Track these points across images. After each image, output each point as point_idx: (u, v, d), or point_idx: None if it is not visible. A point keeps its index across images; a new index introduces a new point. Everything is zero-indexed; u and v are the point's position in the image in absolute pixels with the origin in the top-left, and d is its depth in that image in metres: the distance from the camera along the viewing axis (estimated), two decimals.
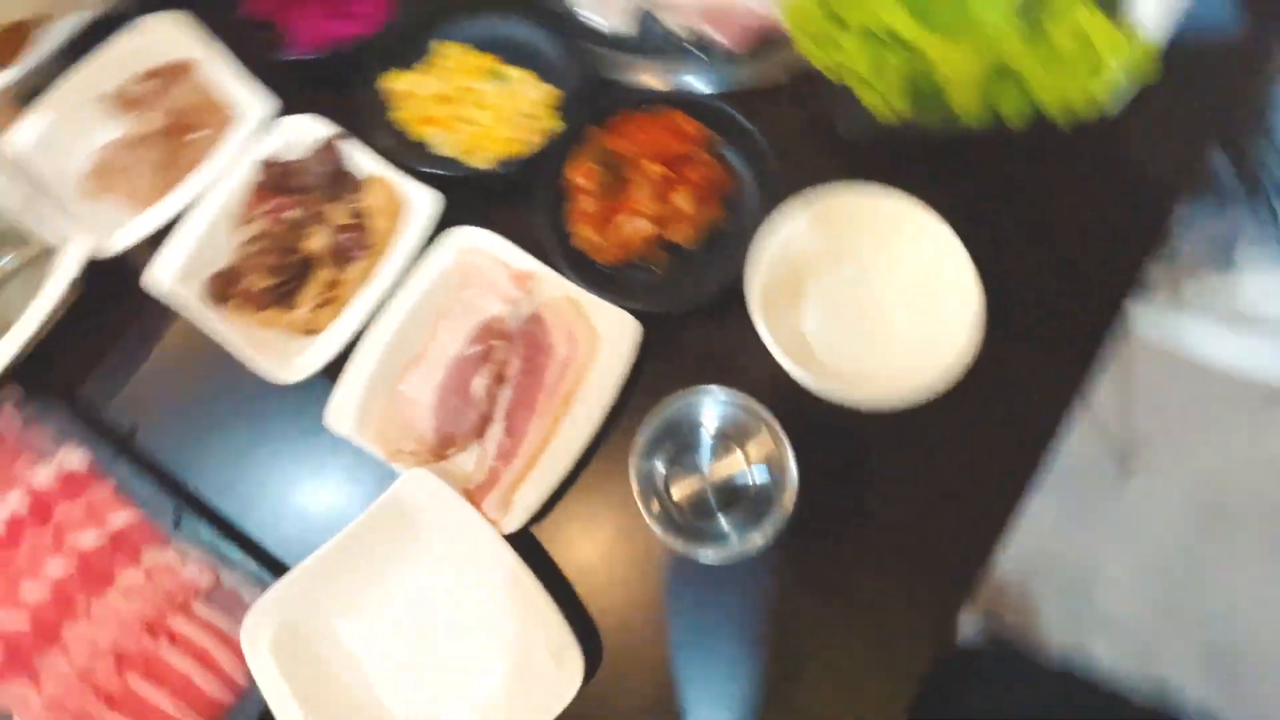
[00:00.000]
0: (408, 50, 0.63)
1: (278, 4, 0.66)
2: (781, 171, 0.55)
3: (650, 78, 0.63)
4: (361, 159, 0.59)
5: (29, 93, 0.64)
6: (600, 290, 0.53)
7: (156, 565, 0.51)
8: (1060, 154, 0.57)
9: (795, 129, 0.60)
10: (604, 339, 0.53)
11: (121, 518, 0.52)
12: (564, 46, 0.62)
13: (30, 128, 0.63)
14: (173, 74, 0.65)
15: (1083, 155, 0.57)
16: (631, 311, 0.52)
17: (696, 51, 0.63)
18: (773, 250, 0.50)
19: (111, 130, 0.65)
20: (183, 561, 0.51)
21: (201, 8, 0.67)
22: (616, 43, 0.64)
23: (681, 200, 0.54)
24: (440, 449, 0.52)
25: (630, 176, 0.55)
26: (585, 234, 0.55)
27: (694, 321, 0.55)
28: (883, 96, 0.51)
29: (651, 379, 0.53)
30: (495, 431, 0.52)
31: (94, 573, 0.50)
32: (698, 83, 0.63)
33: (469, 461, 0.53)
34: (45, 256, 0.60)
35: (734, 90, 0.62)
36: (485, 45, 0.63)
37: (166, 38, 0.66)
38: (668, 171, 0.55)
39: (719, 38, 0.62)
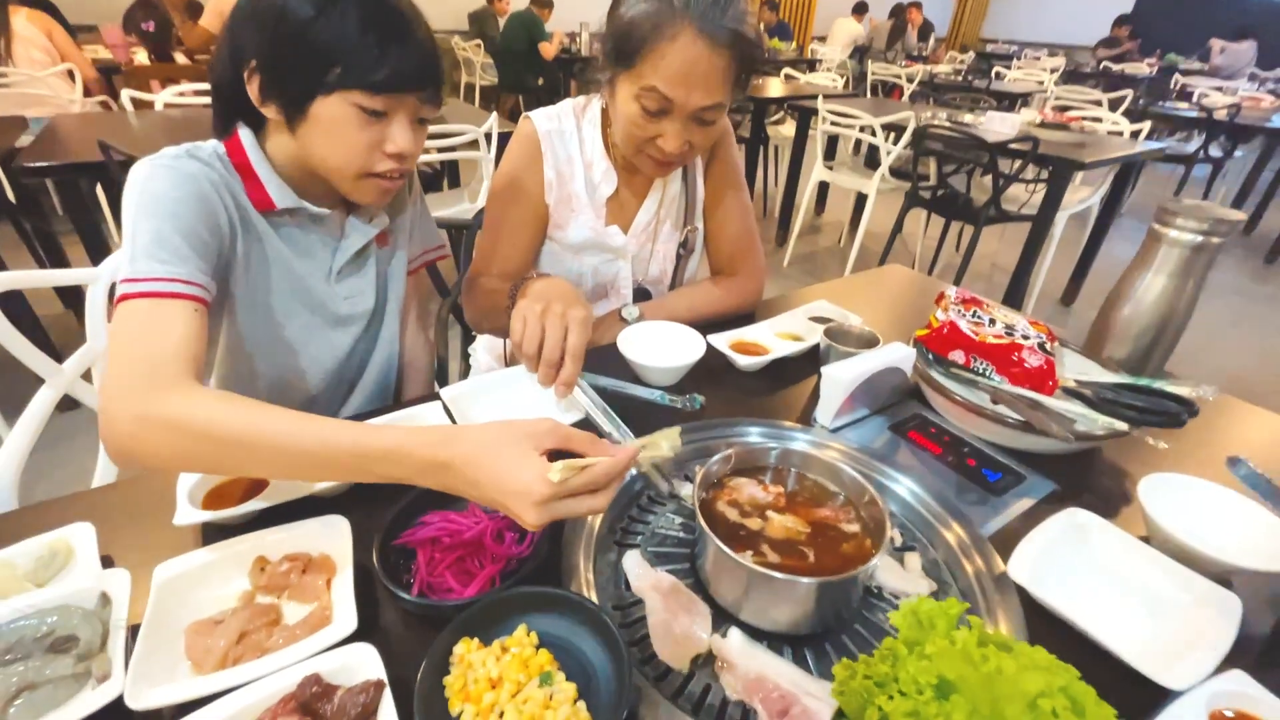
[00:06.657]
0: (493, 622, 0.69)
1: (420, 544, 0.79)
2: None
3: None
4: (389, 709, 0.60)
5: None
6: None
7: None
8: None
9: None
10: None
11: None
12: (620, 678, 0.64)
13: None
14: (312, 564, 0.77)
15: None
16: None
17: None
18: None
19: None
20: None
21: (363, 525, 0.81)
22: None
23: None
24: None
25: None
26: None
27: None
28: None
29: None
30: None
31: None
32: None
33: None
34: (84, 675, 0.63)
35: None
36: (550, 641, 0.67)
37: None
38: None
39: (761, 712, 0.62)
